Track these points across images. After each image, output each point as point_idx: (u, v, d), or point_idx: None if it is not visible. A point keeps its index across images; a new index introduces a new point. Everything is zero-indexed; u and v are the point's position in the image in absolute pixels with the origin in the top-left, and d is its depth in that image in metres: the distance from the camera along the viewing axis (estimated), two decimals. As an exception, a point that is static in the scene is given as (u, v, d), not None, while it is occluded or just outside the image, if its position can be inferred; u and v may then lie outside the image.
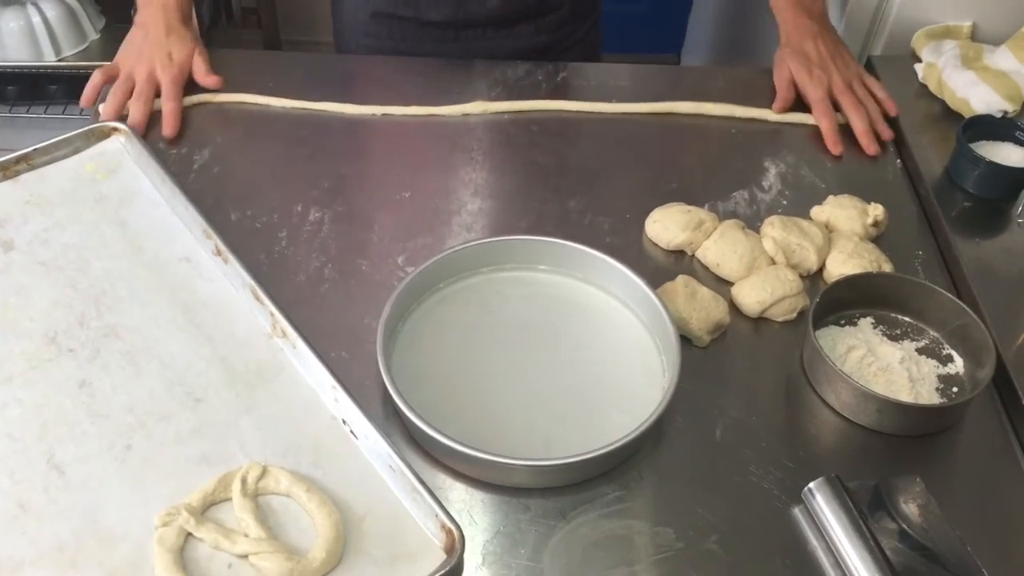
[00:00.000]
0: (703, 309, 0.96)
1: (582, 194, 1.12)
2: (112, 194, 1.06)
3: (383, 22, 1.33)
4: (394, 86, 1.27)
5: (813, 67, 1.22)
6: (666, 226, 1.05)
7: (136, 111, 1.14)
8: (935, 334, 0.98)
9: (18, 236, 1.01)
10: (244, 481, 0.80)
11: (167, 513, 0.78)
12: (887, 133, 1.21)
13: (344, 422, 0.85)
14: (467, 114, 1.21)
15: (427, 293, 0.97)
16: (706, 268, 1.04)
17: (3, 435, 0.84)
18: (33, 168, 1.08)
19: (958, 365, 0.95)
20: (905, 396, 0.90)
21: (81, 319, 0.93)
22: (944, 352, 0.96)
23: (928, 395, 0.92)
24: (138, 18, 1.24)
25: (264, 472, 0.81)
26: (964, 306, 0.95)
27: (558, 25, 1.38)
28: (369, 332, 0.92)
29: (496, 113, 1.21)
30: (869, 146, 1.19)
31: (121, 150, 1.11)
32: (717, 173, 1.16)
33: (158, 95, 1.18)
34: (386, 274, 1.01)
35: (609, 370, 0.92)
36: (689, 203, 1.08)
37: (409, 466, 0.80)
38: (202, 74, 1.20)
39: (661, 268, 1.04)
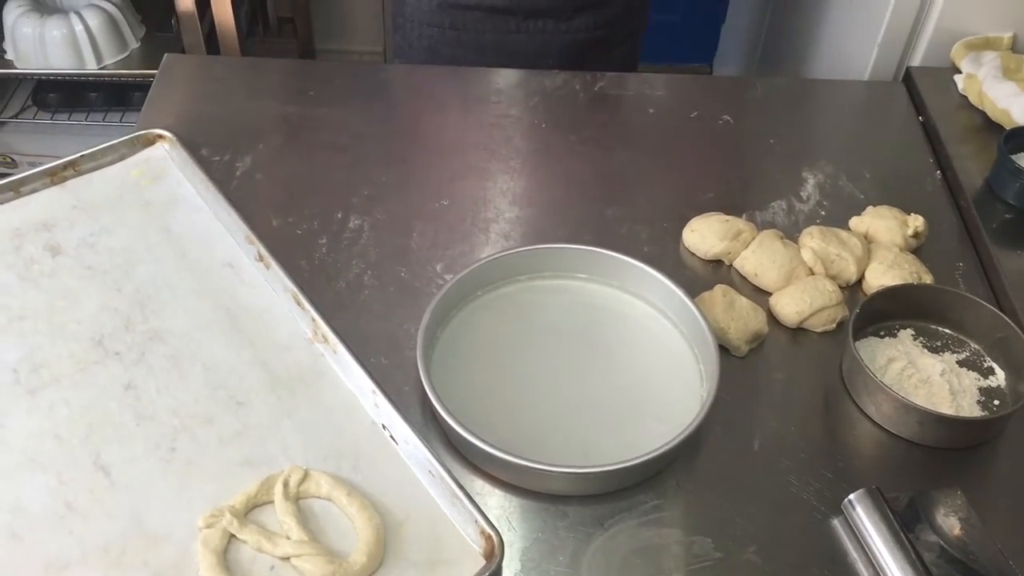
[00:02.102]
0: (741, 319, 0.96)
1: (619, 203, 1.12)
2: (157, 200, 1.08)
3: (447, 11, 1.35)
4: (432, 95, 1.28)
5: None
6: (704, 235, 1.06)
7: None
8: (976, 346, 0.97)
9: (65, 241, 1.02)
10: (286, 484, 0.81)
11: (211, 515, 0.79)
12: None
13: (384, 427, 0.86)
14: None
15: (466, 300, 0.97)
16: (744, 278, 1.04)
17: (51, 436, 0.85)
18: (80, 174, 1.10)
19: (999, 378, 0.94)
20: (946, 408, 0.90)
21: (127, 323, 0.95)
22: (985, 364, 0.96)
23: (969, 407, 0.91)
24: None
25: (305, 476, 0.82)
26: (1006, 318, 0.94)
27: (614, 19, 1.39)
28: (408, 338, 0.93)
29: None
30: None
31: (165, 157, 1.13)
32: (755, 183, 1.16)
33: None
34: (425, 281, 1.02)
35: (647, 379, 0.93)
36: (727, 213, 1.08)
37: (449, 471, 0.80)
38: None
39: (699, 277, 1.04)
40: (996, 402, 0.92)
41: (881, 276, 1.01)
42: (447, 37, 1.36)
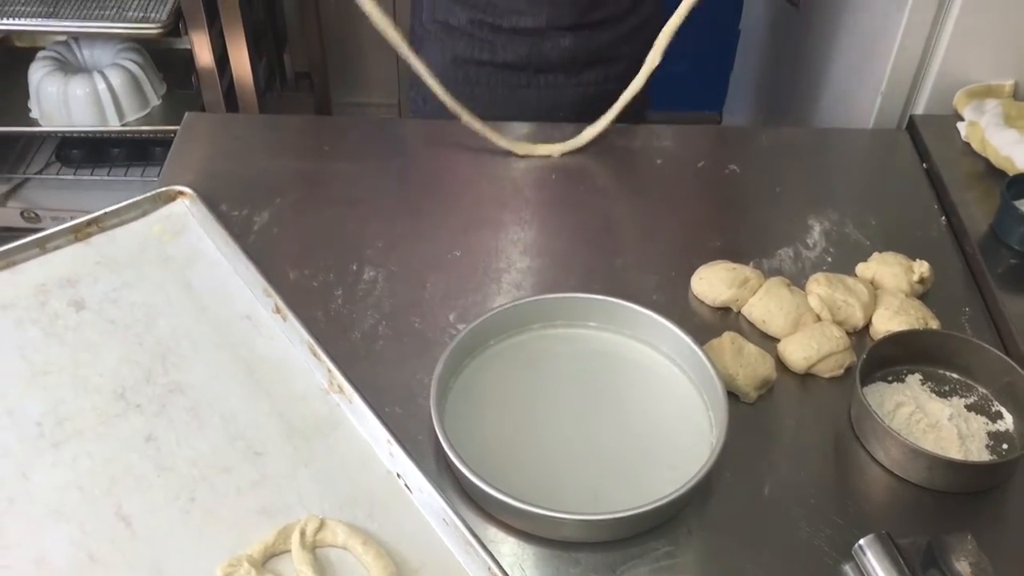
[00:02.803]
0: (750, 365, 0.97)
1: (628, 252, 1.15)
2: (177, 255, 1.11)
3: (461, 67, 1.38)
4: (445, 148, 1.31)
5: None
6: (712, 283, 1.07)
7: None
8: (984, 391, 0.98)
9: (89, 296, 1.05)
10: (303, 533, 0.82)
11: (229, 564, 0.80)
12: None
13: (399, 476, 0.88)
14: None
15: (478, 350, 0.99)
16: (752, 325, 1.05)
17: (74, 487, 0.87)
18: (104, 230, 1.13)
19: (1008, 422, 0.95)
20: (955, 453, 0.90)
21: (148, 375, 0.97)
22: (993, 409, 0.96)
23: (978, 452, 0.92)
24: None
25: (322, 525, 0.83)
26: (1012, 363, 0.95)
27: (624, 73, 1.42)
28: (422, 388, 0.95)
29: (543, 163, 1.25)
30: None
31: (186, 213, 1.16)
32: (761, 231, 1.18)
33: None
34: (438, 331, 1.04)
35: (657, 425, 0.94)
36: (734, 260, 1.10)
37: (462, 519, 0.82)
38: None
39: (707, 325, 1.06)
40: (1005, 446, 0.93)
41: (888, 322, 1.02)
42: (460, 92, 1.39)
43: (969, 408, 0.96)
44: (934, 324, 1.03)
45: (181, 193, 1.17)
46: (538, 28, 1.36)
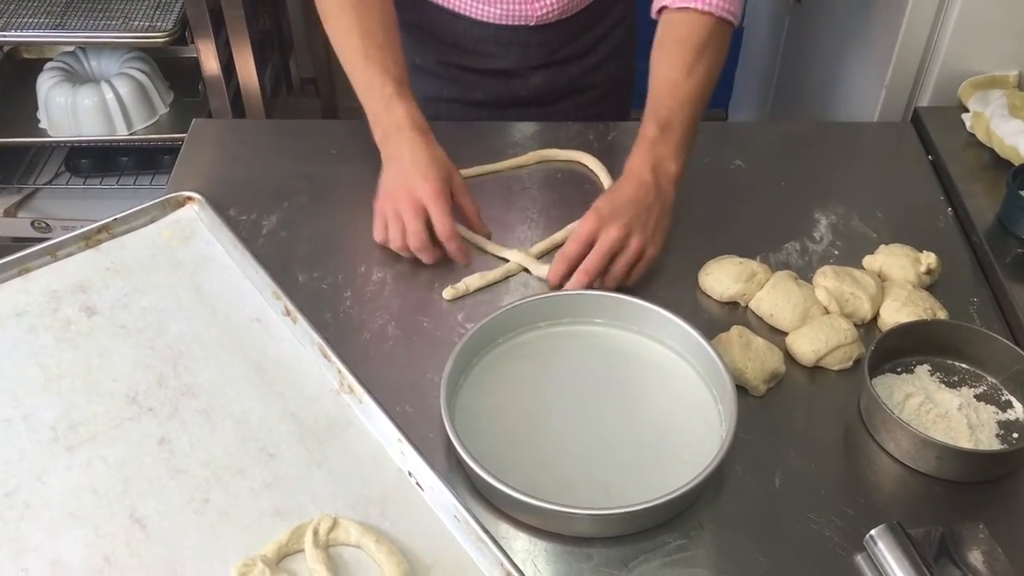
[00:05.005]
0: (758, 359, 0.97)
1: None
2: (187, 260, 1.11)
3: (430, 106, 1.37)
4: (451, 149, 1.32)
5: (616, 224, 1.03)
6: (719, 278, 1.08)
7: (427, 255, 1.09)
8: (993, 380, 0.98)
9: (100, 301, 1.06)
10: (316, 532, 0.83)
11: (243, 564, 0.81)
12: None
13: (410, 474, 0.88)
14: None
15: (487, 348, 1.00)
16: (760, 319, 1.06)
17: (88, 491, 0.88)
18: (113, 237, 1.14)
19: (1018, 411, 0.95)
20: (965, 442, 0.90)
21: (160, 379, 0.98)
22: (1003, 398, 0.96)
23: (988, 441, 0.92)
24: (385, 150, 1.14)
25: (335, 524, 0.84)
26: (1021, 352, 0.95)
27: (598, 100, 1.43)
28: (432, 387, 0.95)
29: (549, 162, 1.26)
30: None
31: (195, 218, 1.17)
32: (768, 225, 1.18)
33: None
34: (447, 331, 1.04)
35: (667, 420, 0.94)
36: (741, 255, 1.10)
37: (474, 516, 0.82)
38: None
39: (715, 319, 1.06)
40: (1015, 435, 0.93)
41: (895, 313, 1.03)
42: (433, 128, 1.39)
43: (978, 398, 0.96)
44: (942, 315, 1.03)
45: (190, 199, 1.18)
46: (507, 69, 1.36)
